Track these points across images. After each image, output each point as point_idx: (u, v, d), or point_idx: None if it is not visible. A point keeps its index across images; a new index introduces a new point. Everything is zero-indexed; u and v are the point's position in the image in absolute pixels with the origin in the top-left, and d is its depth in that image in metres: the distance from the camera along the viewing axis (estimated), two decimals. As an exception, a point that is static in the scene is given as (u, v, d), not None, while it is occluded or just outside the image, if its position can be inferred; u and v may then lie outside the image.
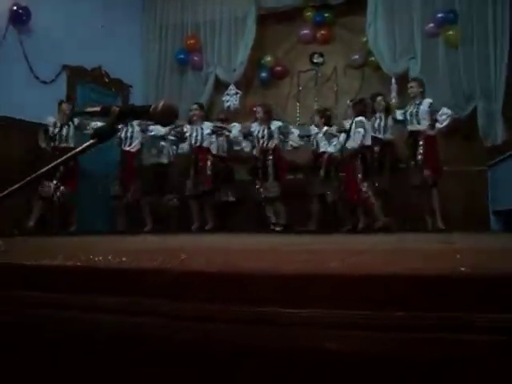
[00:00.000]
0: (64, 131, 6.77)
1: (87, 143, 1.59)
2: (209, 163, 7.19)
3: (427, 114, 6.44)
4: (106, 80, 8.36)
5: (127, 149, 7.13)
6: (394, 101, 7.31)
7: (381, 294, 1.35)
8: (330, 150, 6.89)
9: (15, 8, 6.90)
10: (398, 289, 1.34)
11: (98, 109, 1.57)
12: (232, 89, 8.48)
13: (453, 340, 1.27)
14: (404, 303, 1.32)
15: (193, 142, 7.30)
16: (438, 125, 6.36)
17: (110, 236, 6.28)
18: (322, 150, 6.93)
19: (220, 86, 8.70)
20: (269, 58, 8.74)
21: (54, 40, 7.21)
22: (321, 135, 6.97)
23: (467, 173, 7.13)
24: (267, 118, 7.06)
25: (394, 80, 7.54)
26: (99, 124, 6.64)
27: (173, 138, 7.35)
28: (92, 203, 7.52)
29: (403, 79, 7.41)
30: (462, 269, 1.37)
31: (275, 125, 7.07)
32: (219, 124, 7.41)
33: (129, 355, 1.50)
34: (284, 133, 7.09)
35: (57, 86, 7.46)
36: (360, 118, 6.59)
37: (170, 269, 1.62)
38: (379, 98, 6.93)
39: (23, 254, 2.28)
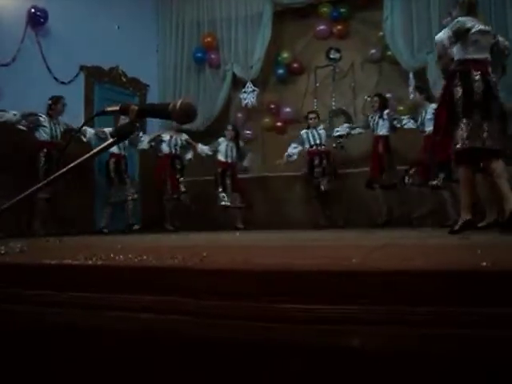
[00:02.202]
0: None
1: (107, 142, 1.60)
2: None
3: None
4: (124, 79, 8.41)
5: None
6: (411, 96, 7.24)
7: (404, 290, 1.34)
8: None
9: (33, 10, 6.96)
10: (422, 284, 1.33)
11: (117, 108, 1.58)
12: (249, 86, 8.46)
13: (477, 336, 1.26)
14: (428, 299, 1.31)
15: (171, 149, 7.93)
16: None
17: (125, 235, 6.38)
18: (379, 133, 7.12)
19: (237, 84, 8.70)
20: (285, 55, 8.72)
21: (71, 41, 7.27)
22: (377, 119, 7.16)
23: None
24: (236, 137, 7.95)
25: (411, 75, 7.47)
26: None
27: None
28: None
29: (421, 74, 7.35)
30: (484, 264, 1.36)
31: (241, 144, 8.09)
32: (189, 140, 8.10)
33: (155, 352, 1.50)
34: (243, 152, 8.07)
35: (75, 87, 7.52)
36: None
37: (191, 267, 1.62)
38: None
39: (45, 254, 2.30)
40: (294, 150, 7.61)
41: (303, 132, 7.67)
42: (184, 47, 9.06)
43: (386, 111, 7.06)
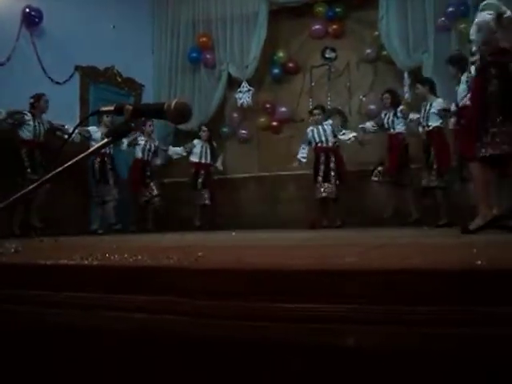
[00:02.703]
0: None
1: (103, 142, 1.60)
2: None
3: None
4: (119, 80, 8.40)
5: None
6: (406, 96, 7.26)
7: (401, 289, 1.34)
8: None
9: (27, 10, 6.94)
10: (420, 283, 1.33)
11: (111, 108, 1.57)
12: (245, 86, 8.46)
13: (475, 335, 1.26)
14: (426, 298, 1.31)
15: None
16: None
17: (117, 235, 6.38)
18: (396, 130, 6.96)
19: (233, 84, 8.70)
20: (281, 54, 8.71)
21: (66, 41, 7.27)
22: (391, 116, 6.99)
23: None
24: (210, 137, 8.09)
25: (406, 74, 7.49)
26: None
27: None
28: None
29: (417, 73, 7.36)
30: (479, 262, 1.36)
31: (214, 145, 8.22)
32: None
33: (152, 352, 1.50)
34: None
35: (70, 87, 7.51)
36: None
37: (186, 267, 1.62)
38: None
39: (40, 254, 2.29)
40: (303, 152, 7.45)
41: (309, 130, 7.47)
42: (179, 47, 9.04)
43: (399, 108, 6.89)
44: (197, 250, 1.94)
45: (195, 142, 7.99)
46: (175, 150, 8.10)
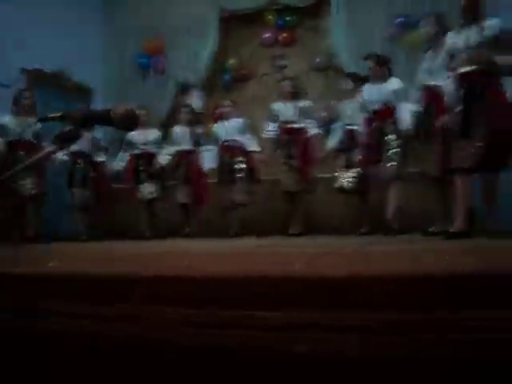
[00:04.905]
0: None
1: (49, 149, 1.57)
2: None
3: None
4: (67, 84, 8.24)
5: None
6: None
7: (358, 297, 1.35)
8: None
9: (-29, 10, 6.76)
10: (370, 290, 1.35)
11: (58, 114, 1.54)
12: (195, 92, 8.45)
13: (432, 340, 1.28)
14: (381, 305, 1.33)
15: None
16: None
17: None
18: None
19: (184, 90, 8.66)
20: (232, 61, 8.75)
21: (12, 43, 7.08)
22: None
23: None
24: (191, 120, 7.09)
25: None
26: None
27: None
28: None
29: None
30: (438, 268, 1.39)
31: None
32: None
33: (143, 360, 1.48)
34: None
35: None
36: None
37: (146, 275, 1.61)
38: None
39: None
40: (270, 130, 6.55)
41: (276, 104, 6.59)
42: (129, 52, 8.95)
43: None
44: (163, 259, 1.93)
45: (174, 128, 7.22)
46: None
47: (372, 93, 5.54)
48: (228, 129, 6.73)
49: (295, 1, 8.31)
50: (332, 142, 6.26)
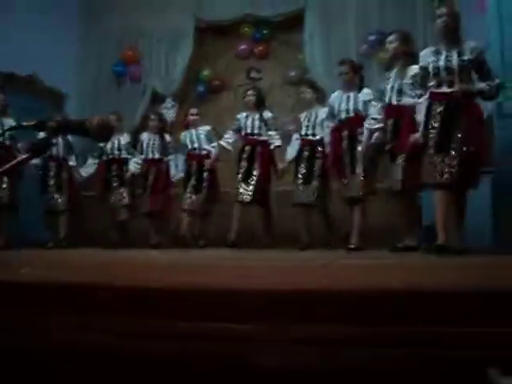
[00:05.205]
0: None
1: (21, 157, 1.57)
2: None
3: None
4: (40, 88, 8.16)
5: None
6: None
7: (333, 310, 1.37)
8: None
9: None
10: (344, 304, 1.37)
11: (32, 123, 1.55)
12: (169, 102, 8.47)
13: (402, 354, 1.31)
14: (356, 318, 1.35)
15: None
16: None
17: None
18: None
19: (157, 99, 8.66)
20: (206, 72, 8.79)
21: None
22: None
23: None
24: (161, 128, 6.99)
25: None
26: None
27: None
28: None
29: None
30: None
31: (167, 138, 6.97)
32: None
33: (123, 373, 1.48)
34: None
35: (-13, 93, 7.22)
36: None
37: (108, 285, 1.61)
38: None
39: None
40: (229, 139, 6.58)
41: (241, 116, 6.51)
42: (104, 59, 8.90)
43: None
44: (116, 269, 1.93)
45: (142, 135, 7.15)
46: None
47: (342, 101, 5.43)
48: (195, 137, 6.74)
49: (271, 14, 8.39)
50: (291, 153, 6.13)
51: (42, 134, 1.55)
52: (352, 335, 1.36)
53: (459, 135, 4.04)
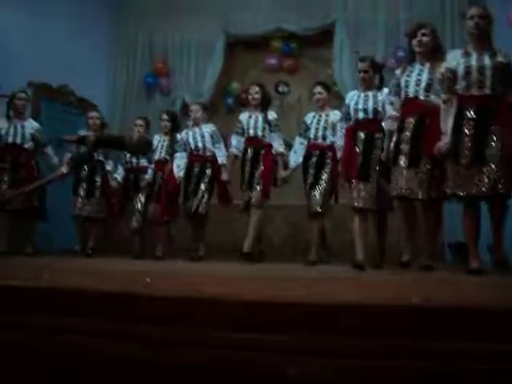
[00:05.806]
0: None
1: (62, 170, 1.64)
2: None
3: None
4: (72, 99, 8.34)
5: None
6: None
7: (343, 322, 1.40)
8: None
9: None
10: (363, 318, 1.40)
11: (74, 137, 1.62)
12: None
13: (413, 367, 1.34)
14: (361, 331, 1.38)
15: None
16: None
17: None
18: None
19: (187, 111, 8.73)
20: (235, 85, 8.88)
21: (20, 56, 7.18)
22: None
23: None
24: (172, 129, 6.56)
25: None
26: None
27: None
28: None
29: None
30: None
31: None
32: None
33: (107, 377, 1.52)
34: None
35: (22, 103, 7.36)
36: None
37: (134, 292, 1.64)
38: None
39: None
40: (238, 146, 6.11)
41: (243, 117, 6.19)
42: (135, 71, 9.10)
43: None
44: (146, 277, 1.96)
45: (155, 137, 6.44)
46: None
47: (359, 100, 4.99)
48: (199, 136, 6.32)
49: (300, 29, 8.47)
50: (295, 158, 5.78)
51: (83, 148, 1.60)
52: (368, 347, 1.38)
53: (494, 143, 3.79)
